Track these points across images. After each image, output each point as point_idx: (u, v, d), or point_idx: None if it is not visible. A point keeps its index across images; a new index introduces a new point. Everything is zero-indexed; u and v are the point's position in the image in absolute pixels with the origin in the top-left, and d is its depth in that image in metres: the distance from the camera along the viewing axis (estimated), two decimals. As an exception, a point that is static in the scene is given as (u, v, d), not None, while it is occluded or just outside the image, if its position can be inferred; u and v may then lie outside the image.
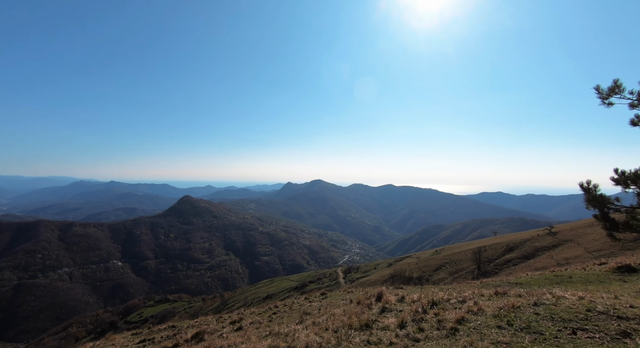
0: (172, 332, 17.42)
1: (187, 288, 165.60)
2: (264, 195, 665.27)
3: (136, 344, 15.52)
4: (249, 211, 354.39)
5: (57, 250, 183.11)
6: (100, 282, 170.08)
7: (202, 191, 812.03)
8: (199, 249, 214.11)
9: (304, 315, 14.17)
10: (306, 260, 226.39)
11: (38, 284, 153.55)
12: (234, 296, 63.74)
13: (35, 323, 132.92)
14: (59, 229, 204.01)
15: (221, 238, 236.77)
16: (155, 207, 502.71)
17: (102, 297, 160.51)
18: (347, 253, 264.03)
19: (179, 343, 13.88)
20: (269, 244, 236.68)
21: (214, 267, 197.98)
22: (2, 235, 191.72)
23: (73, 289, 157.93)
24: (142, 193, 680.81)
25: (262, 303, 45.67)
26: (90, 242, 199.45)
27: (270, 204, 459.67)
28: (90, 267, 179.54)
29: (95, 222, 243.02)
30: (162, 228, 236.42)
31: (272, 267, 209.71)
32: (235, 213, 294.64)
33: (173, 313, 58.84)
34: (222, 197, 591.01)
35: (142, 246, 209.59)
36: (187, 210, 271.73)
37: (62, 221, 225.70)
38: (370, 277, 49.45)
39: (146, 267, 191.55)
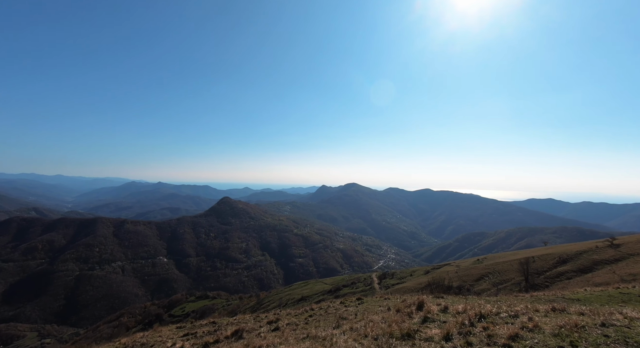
0: (213, 327, 18.13)
1: (225, 286, 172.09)
2: (299, 198, 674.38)
3: (180, 337, 16.35)
4: (284, 213, 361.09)
5: (111, 245, 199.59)
6: (148, 276, 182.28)
7: (240, 193, 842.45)
8: (236, 249, 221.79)
9: (340, 319, 14.01)
10: (340, 264, 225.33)
11: (95, 276, 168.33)
12: (269, 296, 65.06)
13: (93, 311, 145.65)
14: (113, 226, 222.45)
15: (257, 239, 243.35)
16: (197, 207, 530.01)
17: (150, 290, 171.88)
18: (382, 258, 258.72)
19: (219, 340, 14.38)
20: (303, 246, 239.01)
21: (251, 267, 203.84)
22: (67, 230, 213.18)
23: (125, 282, 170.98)
24: (185, 194, 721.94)
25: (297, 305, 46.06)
26: (140, 238, 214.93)
27: (304, 207, 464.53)
28: (140, 261, 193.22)
29: (144, 220, 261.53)
30: (202, 227, 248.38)
31: (306, 269, 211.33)
32: (270, 215, 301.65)
33: (212, 310, 61.35)
34: (258, 199, 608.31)
35: (185, 244, 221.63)
36: (226, 211, 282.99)
37: (116, 218, 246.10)
38: (406, 284, 47.90)
39: (188, 264, 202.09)
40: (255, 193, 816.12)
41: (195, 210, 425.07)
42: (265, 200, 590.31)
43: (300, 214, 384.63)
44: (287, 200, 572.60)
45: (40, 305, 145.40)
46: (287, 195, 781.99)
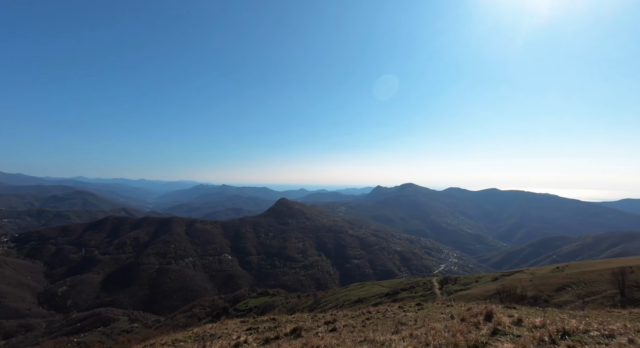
0: (273, 324, 18.91)
1: (284, 284, 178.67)
2: (354, 199, 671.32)
3: (244, 331, 17.35)
4: (339, 214, 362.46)
5: (184, 242, 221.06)
6: (215, 272, 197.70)
7: (296, 194, 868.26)
8: (294, 248, 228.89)
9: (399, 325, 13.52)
10: (397, 267, 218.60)
11: (172, 269, 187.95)
12: (325, 296, 65.77)
13: (170, 301, 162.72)
14: (186, 225, 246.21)
15: (314, 239, 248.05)
16: (257, 208, 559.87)
17: (217, 285, 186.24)
18: (443, 262, 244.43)
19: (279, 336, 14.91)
20: (359, 248, 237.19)
21: (308, 267, 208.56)
22: (149, 227, 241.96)
23: (196, 276, 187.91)
24: (246, 196, 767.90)
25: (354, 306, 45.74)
26: (208, 237, 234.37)
27: (359, 208, 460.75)
28: (208, 258, 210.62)
29: (211, 220, 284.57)
30: (262, 227, 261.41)
31: (362, 270, 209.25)
32: (326, 216, 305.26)
33: (272, 306, 64.09)
34: (314, 200, 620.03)
35: (247, 243, 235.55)
36: (284, 212, 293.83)
37: (187, 218, 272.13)
38: (471, 291, 44.47)
39: (250, 261, 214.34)
40: (310, 195, 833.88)
41: (255, 211, 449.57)
42: (321, 201, 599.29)
43: (355, 215, 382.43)
44: (341, 201, 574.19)
45: (130, 293, 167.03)
46: (341, 196, 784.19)
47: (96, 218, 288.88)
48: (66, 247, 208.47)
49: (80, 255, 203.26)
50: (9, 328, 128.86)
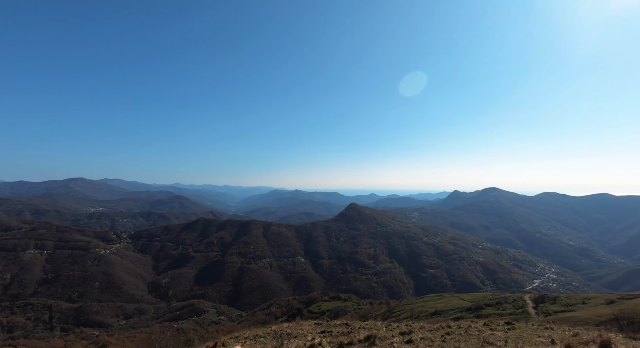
0: (347, 329, 18.90)
1: (355, 289, 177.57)
2: (428, 204, 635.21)
3: (318, 333, 17.74)
4: (411, 220, 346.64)
5: (262, 244, 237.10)
6: (290, 273, 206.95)
7: (366, 199, 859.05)
8: (365, 254, 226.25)
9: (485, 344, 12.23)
10: (480, 279, 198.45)
11: (251, 269, 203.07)
12: (399, 305, 63.18)
13: (250, 298, 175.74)
14: (263, 227, 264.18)
15: (385, 245, 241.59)
16: (328, 212, 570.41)
17: (292, 286, 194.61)
18: (538, 277, 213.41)
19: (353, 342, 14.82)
20: (434, 256, 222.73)
21: (379, 273, 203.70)
22: (232, 229, 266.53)
23: (272, 276, 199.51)
24: (317, 201, 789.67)
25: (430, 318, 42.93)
26: (282, 239, 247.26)
27: (434, 214, 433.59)
28: (283, 260, 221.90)
29: (285, 224, 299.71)
30: (333, 232, 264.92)
31: (439, 281, 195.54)
32: (398, 222, 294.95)
33: (345, 311, 64.15)
34: (384, 205, 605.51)
35: (319, 246, 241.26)
36: (354, 217, 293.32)
37: (264, 221, 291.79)
38: (576, 314, 37.72)
39: (322, 265, 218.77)
40: (381, 200, 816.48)
41: (326, 215, 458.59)
42: (392, 206, 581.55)
43: (429, 221, 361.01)
44: (414, 206, 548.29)
45: (217, 288, 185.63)
46: (414, 201, 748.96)
47: (190, 219, 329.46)
48: (168, 244, 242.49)
49: (178, 251, 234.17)
50: (128, 310, 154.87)
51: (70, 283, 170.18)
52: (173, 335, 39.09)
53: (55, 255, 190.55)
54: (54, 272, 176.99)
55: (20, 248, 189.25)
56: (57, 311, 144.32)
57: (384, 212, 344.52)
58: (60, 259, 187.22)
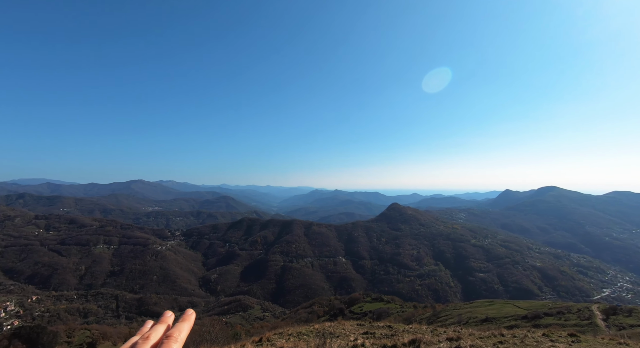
0: (390, 331, 18.52)
1: (398, 291, 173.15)
2: (476, 205, 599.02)
3: (360, 334, 17.61)
4: (458, 221, 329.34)
5: (303, 243, 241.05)
6: (331, 273, 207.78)
7: (408, 199, 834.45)
8: (407, 255, 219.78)
9: (545, 356, 11.28)
10: (538, 286, 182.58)
11: (293, 267, 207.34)
12: (446, 310, 60.36)
13: (293, 296, 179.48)
14: (304, 227, 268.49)
15: (429, 247, 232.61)
16: (369, 212, 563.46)
17: (333, 285, 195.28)
18: (608, 286, 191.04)
19: (396, 345, 14.49)
20: (484, 260, 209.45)
21: (423, 276, 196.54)
22: (274, 228, 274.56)
23: (314, 275, 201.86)
24: (358, 201, 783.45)
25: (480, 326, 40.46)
26: (323, 239, 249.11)
27: (483, 215, 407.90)
28: (324, 259, 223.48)
29: (325, 223, 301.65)
30: (374, 232, 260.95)
31: (490, 286, 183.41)
32: (443, 223, 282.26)
33: (387, 313, 62.82)
34: (428, 205, 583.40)
35: (360, 247, 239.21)
36: (396, 217, 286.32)
37: (305, 221, 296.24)
38: (658, 330, 33.01)
39: (363, 265, 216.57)
40: (424, 200, 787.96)
41: (367, 216, 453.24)
42: (436, 206, 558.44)
43: (478, 223, 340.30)
44: (460, 206, 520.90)
45: (261, 285, 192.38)
46: (460, 201, 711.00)
47: (235, 219, 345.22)
48: (215, 242, 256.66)
49: (225, 249, 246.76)
50: (182, 303, 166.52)
51: (132, 275, 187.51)
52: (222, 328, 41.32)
53: (120, 250, 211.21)
54: (119, 265, 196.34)
55: (92, 243, 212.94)
56: (123, 301, 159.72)
57: (428, 213, 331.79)
58: (124, 254, 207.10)
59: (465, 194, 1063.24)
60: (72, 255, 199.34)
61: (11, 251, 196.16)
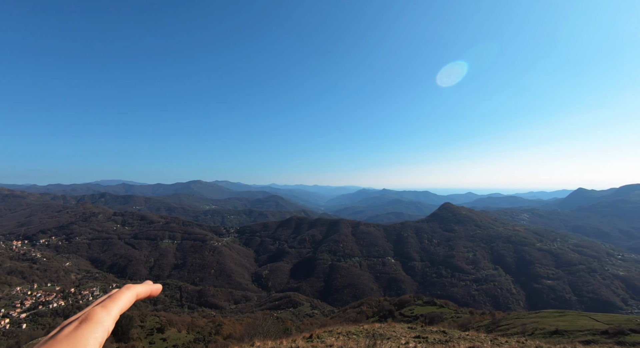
0: (444, 337, 17.65)
1: (452, 296, 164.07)
2: (541, 205, 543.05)
3: (412, 338, 17.04)
4: (520, 222, 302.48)
5: (350, 242, 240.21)
6: (380, 273, 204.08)
7: (462, 198, 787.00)
8: (462, 258, 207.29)
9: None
10: (621, 297, 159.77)
11: (341, 266, 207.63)
12: (507, 318, 55.61)
13: (341, 295, 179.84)
14: (351, 226, 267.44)
15: (487, 250, 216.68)
16: (419, 212, 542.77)
17: (382, 286, 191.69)
18: None
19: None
20: (552, 266, 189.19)
21: (480, 280, 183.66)
22: (322, 227, 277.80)
23: (362, 275, 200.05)
24: (407, 200, 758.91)
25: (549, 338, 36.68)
26: (371, 239, 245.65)
27: (550, 216, 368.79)
28: (372, 259, 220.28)
29: (373, 223, 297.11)
30: (425, 233, 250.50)
31: (560, 295, 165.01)
32: (502, 224, 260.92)
33: (440, 318, 59.86)
34: (484, 205, 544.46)
35: (409, 248, 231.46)
36: (448, 218, 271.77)
37: (352, 220, 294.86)
38: None
39: (413, 267, 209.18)
40: (480, 199, 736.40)
41: (417, 216, 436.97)
42: (494, 206, 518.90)
43: (544, 224, 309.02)
44: (523, 207, 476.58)
45: (310, 283, 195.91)
46: (523, 201, 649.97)
47: (284, 217, 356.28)
48: (266, 240, 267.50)
49: (275, 246, 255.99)
50: (237, 296, 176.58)
51: (193, 269, 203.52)
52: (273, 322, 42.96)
53: (183, 245, 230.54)
54: (182, 259, 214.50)
55: (159, 238, 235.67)
56: (185, 291, 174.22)
57: (485, 213, 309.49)
58: (186, 248, 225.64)
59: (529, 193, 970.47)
60: (143, 248, 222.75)
61: (96, 243, 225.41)
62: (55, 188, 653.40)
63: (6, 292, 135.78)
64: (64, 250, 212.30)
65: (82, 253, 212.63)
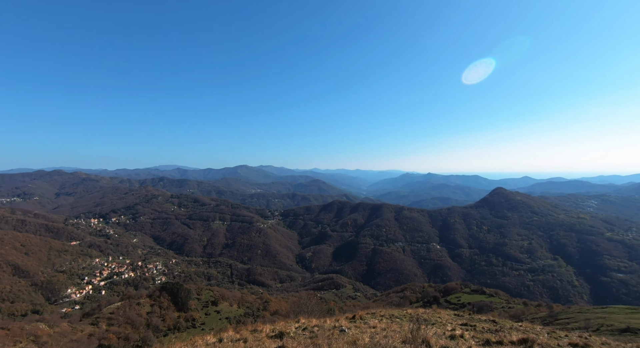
0: (494, 326, 16.72)
1: (503, 285, 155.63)
2: (614, 190, 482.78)
3: (459, 325, 16.38)
4: (586, 209, 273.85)
5: (394, 227, 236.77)
6: (424, 259, 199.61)
7: (517, 183, 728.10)
8: (516, 247, 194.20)
9: None
10: None
11: (384, 251, 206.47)
12: (567, 312, 51.36)
13: (384, 280, 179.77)
14: (394, 211, 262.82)
15: (544, 238, 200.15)
16: (467, 198, 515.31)
17: (426, 272, 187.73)
18: None
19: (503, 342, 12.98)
20: (624, 258, 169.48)
21: (537, 270, 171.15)
22: (364, 212, 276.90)
23: (405, 261, 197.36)
24: (454, 185, 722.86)
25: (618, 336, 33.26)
26: (415, 224, 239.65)
27: (625, 203, 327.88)
28: (416, 245, 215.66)
29: (418, 208, 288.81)
30: (474, 219, 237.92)
31: (634, 290, 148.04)
32: (564, 211, 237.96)
33: (490, 307, 57.20)
34: (543, 191, 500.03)
35: (456, 234, 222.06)
36: (500, 203, 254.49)
37: (396, 205, 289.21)
38: None
39: (460, 254, 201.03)
40: (538, 184, 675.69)
41: (465, 201, 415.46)
42: (555, 191, 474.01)
43: (615, 212, 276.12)
44: (590, 192, 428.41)
45: (352, 266, 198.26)
46: (590, 186, 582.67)
47: (326, 201, 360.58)
48: (309, 223, 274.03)
49: (318, 229, 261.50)
50: (282, 276, 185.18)
51: (242, 248, 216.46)
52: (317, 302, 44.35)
53: (232, 226, 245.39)
54: (231, 239, 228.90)
55: (210, 219, 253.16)
56: (235, 269, 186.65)
57: (543, 199, 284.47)
58: (235, 229, 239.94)
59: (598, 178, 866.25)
60: (197, 228, 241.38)
61: (157, 223, 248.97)
62: (121, 172, 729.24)
63: (88, 262, 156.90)
64: (131, 227, 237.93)
65: (146, 231, 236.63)
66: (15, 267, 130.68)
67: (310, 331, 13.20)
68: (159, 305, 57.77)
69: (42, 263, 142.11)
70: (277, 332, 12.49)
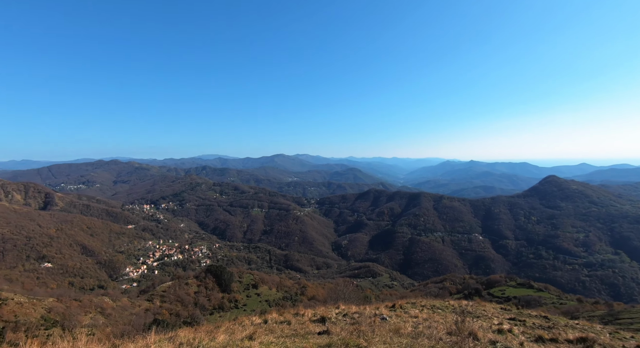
0: (546, 323, 15.71)
1: (554, 280, 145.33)
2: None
3: (506, 319, 15.63)
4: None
5: (432, 217, 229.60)
6: (465, 250, 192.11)
7: (573, 171, 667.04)
8: (569, 239, 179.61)
9: None
10: None
11: (422, 241, 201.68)
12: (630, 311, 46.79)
13: (422, 270, 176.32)
14: (433, 200, 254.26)
15: (604, 231, 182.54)
16: (514, 186, 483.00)
17: (467, 264, 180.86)
18: None
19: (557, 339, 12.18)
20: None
21: (594, 265, 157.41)
22: (401, 200, 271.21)
23: (445, 251, 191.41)
24: (499, 173, 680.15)
25: (694, 341, 29.66)
26: (456, 214, 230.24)
27: None
28: (457, 235, 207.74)
29: (458, 197, 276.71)
30: (521, 209, 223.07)
31: None
32: (629, 201, 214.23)
33: (539, 303, 53.82)
34: (604, 179, 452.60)
35: (501, 225, 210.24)
36: (552, 193, 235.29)
37: (435, 194, 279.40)
38: None
39: (505, 246, 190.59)
40: (598, 171, 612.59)
41: (511, 190, 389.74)
42: (618, 180, 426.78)
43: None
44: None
45: (389, 255, 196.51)
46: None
47: (362, 190, 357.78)
48: (345, 211, 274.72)
49: (353, 218, 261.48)
50: (319, 262, 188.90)
51: (279, 235, 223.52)
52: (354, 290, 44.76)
53: (270, 214, 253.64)
54: (269, 226, 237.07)
55: (250, 206, 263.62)
56: (274, 255, 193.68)
57: (603, 188, 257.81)
58: (273, 216, 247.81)
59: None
60: (237, 215, 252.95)
61: (201, 209, 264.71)
62: (169, 162, 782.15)
63: (142, 244, 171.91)
64: (178, 213, 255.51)
65: (192, 217, 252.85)
66: (83, 246, 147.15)
67: (350, 317, 13.34)
68: (205, 286, 61.95)
69: (104, 244, 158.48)
70: (319, 317, 12.79)
